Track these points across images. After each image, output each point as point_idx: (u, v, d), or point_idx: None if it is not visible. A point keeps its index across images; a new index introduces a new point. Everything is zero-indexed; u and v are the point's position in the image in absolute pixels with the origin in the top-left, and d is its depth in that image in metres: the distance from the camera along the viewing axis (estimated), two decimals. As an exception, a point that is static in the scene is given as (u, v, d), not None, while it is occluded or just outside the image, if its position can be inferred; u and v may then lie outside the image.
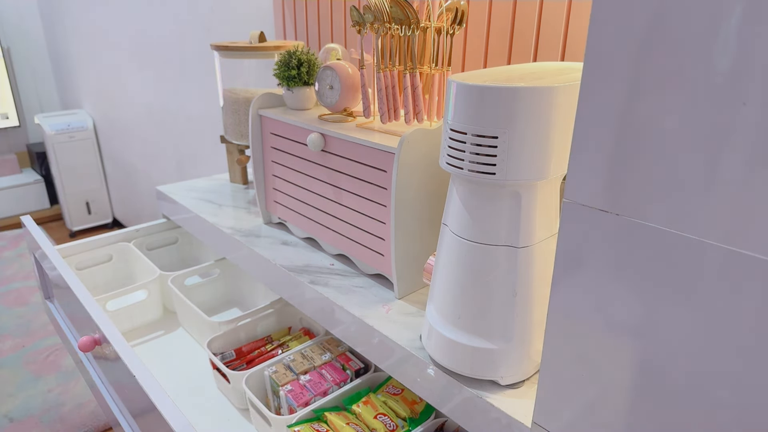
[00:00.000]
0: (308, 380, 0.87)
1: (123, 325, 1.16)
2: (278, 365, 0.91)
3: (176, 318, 1.23)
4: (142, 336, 1.18)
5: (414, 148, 0.70)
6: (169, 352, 1.12)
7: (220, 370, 0.93)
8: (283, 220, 1.02)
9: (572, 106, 0.49)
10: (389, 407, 0.82)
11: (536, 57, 0.83)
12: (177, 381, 1.03)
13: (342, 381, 0.88)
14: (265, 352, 0.99)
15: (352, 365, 0.91)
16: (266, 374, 0.89)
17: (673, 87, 0.35)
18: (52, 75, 3.45)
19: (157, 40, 2.10)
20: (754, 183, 0.33)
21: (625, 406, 0.44)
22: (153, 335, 1.18)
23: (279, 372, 0.89)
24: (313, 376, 0.88)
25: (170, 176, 2.35)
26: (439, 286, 0.61)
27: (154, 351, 1.13)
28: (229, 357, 0.97)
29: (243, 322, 1.03)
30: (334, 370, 0.90)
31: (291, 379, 0.88)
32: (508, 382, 0.59)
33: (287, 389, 0.85)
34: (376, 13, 0.72)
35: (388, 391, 0.84)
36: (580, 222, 0.43)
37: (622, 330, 0.42)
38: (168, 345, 1.15)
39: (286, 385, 0.86)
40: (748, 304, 0.35)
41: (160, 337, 1.17)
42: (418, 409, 0.82)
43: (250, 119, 0.97)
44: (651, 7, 0.35)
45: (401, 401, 0.82)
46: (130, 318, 1.17)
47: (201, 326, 1.08)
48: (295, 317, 1.08)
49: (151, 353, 1.12)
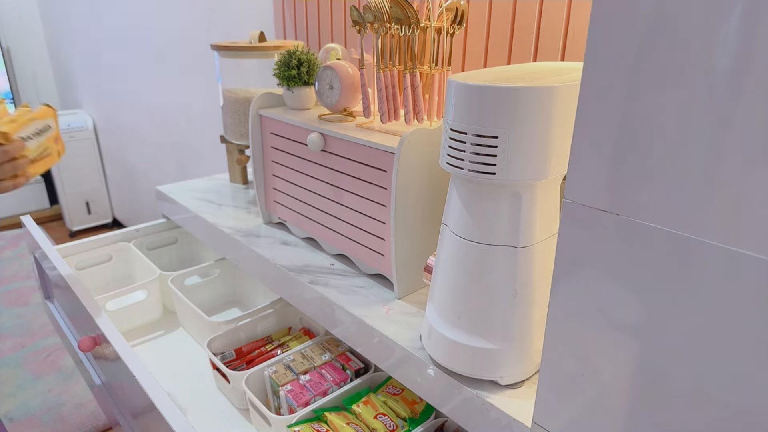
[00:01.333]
0: (308, 380, 0.87)
1: (123, 325, 1.16)
2: (278, 365, 0.91)
3: (176, 318, 1.23)
4: (142, 336, 1.17)
5: (414, 148, 0.70)
6: (169, 352, 1.12)
7: (220, 370, 0.93)
8: (283, 220, 1.02)
9: (572, 106, 0.49)
10: (389, 407, 0.82)
11: (536, 57, 0.83)
12: (177, 381, 1.03)
13: (342, 381, 0.88)
14: (265, 352, 0.99)
15: (352, 365, 0.91)
16: (266, 374, 0.89)
17: (673, 87, 0.35)
18: (52, 75, 3.45)
19: (157, 40, 2.11)
20: (754, 183, 0.33)
21: (625, 406, 0.44)
22: (153, 335, 1.18)
23: (279, 372, 0.89)
24: (313, 376, 0.88)
25: (170, 176, 2.35)
26: (439, 286, 0.61)
27: (154, 351, 1.13)
28: (229, 357, 0.97)
29: (243, 322, 1.03)
30: (334, 370, 0.90)
31: (291, 379, 0.88)
32: (508, 382, 0.59)
33: (287, 389, 0.85)
34: (376, 13, 0.72)
35: (388, 391, 0.84)
36: (580, 222, 0.43)
37: (622, 330, 0.42)
38: (168, 345, 1.15)
39: (286, 385, 0.86)
40: (748, 304, 0.35)
41: (160, 337, 1.17)
42: (418, 409, 0.82)
43: (250, 119, 0.97)
44: (651, 7, 0.35)
45: (401, 401, 0.82)
46: (130, 318, 1.17)
47: (201, 326, 1.08)
48: (295, 317, 1.08)
49: (151, 353, 1.12)
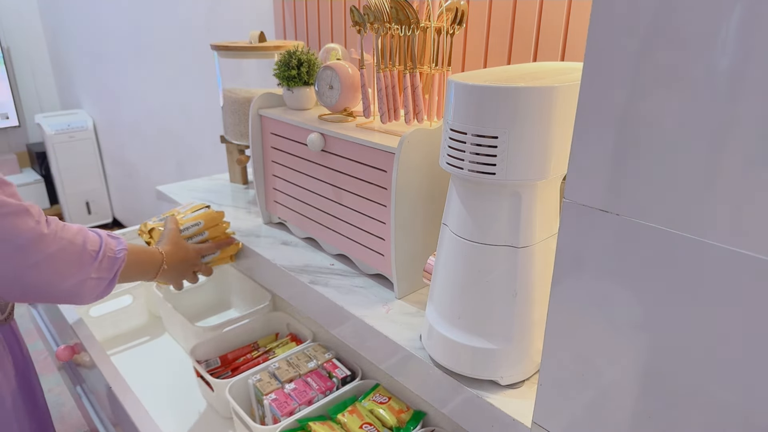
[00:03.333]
0: (293, 389, 0.85)
1: (108, 331, 1.14)
2: (263, 373, 0.89)
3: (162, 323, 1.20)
4: (127, 342, 1.15)
5: (414, 148, 0.70)
6: (154, 359, 1.10)
7: (204, 378, 0.90)
8: (283, 220, 1.02)
9: (572, 106, 0.49)
10: (375, 416, 0.80)
11: (536, 57, 0.83)
12: (161, 388, 1.01)
13: (328, 389, 0.86)
14: (250, 359, 0.97)
15: (338, 373, 0.89)
16: (250, 382, 0.87)
17: (673, 87, 0.35)
18: (52, 75, 3.45)
19: (158, 40, 2.11)
20: (753, 183, 0.33)
21: (624, 405, 0.44)
22: (138, 341, 1.15)
23: (263, 380, 0.87)
24: (298, 384, 0.86)
25: (170, 176, 2.35)
26: (439, 286, 0.61)
27: (139, 357, 1.10)
28: (214, 364, 0.95)
29: (228, 328, 1.00)
30: (319, 378, 0.88)
31: (275, 387, 0.86)
32: (508, 382, 0.59)
33: (271, 398, 0.83)
34: (376, 13, 0.72)
35: (374, 400, 0.83)
36: (580, 222, 0.43)
37: (622, 330, 0.42)
38: (153, 351, 1.12)
39: (270, 394, 0.84)
40: (748, 303, 0.35)
41: (146, 343, 1.15)
42: (405, 418, 0.80)
43: (250, 119, 0.97)
44: (651, 7, 0.35)
45: (388, 410, 0.80)
46: (115, 324, 1.15)
47: (186, 332, 1.06)
48: (282, 323, 1.05)
49: (135, 359, 1.09)
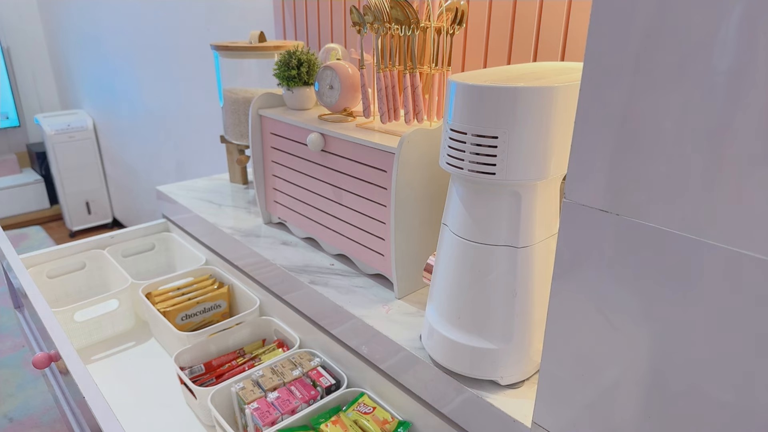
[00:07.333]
0: (276, 398, 0.84)
1: (93, 336, 1.12)
2: (246, 381, 0.87)
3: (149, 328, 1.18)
4: (112, 347, 1.13)
5: (414, 148, 0.70)
6: (140, 364, 1.08)
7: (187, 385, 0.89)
8: (283, 220, 1.02)
9: (572, 106, 0.49)
10: (359, 427, 0.78)
11: (536, 57, 0.83)
12: (145, 394, 0.99)
13: (312, 398, 0.84)
14: (235, 366, 0.95)
15: (323, 381, 0.87)
16: (233, 390, 0.86)
17: (673, 87, 0.35)
18: (52, 75, 3.45)
19: (157, 40, 2.11)
20: (753, 183, 0.33)
21: (624, 405, 0.44)
22: (123, 346, 1.14)
23: (246, 389, 0.85)
24: (281, 393, 0.84)
25: (170, 176, 2.35)
26: (439, 286, 0.61)
27: (124, 362, 1.09)
28: (198, 371, 0.93)
29: (214, 333, 0.99)
30: (304, 387, 0.86)
31: (258, 396, 0.84)
32: (508, 382, 0.59)
33: (253, 407, 0.82)
34: (376, 13, 0.72)
35: (358, 410, 0.80)
36: (580, 222, 0.43)
37: (622, 330, 0.42)
38: (138, 356, 1.11)
39: (252, 402, 0.83)
40: (748, 304, 0.35)
41: (131, 349, 1.13)
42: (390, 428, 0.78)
43: (250, 119, 0.97)
44: (651, 7, 0.35)
45: (372, 420, 0.78)
46: (100, 329, 1.13)
47: (171, 338, 1.04)
48: (269, 329, 1.04)
49: (120, 365, 1.08)
